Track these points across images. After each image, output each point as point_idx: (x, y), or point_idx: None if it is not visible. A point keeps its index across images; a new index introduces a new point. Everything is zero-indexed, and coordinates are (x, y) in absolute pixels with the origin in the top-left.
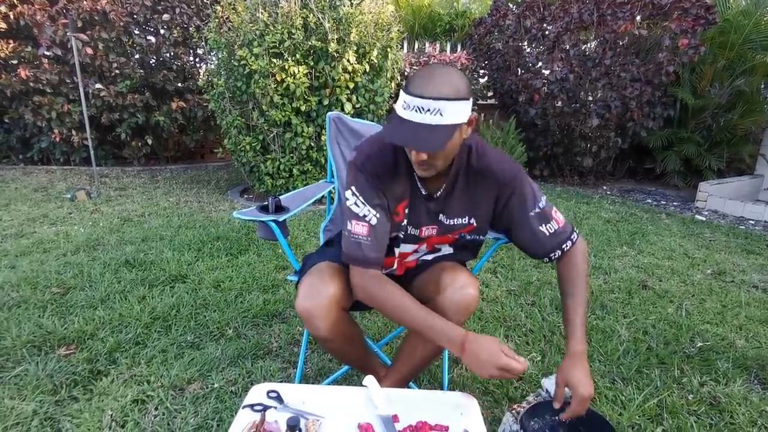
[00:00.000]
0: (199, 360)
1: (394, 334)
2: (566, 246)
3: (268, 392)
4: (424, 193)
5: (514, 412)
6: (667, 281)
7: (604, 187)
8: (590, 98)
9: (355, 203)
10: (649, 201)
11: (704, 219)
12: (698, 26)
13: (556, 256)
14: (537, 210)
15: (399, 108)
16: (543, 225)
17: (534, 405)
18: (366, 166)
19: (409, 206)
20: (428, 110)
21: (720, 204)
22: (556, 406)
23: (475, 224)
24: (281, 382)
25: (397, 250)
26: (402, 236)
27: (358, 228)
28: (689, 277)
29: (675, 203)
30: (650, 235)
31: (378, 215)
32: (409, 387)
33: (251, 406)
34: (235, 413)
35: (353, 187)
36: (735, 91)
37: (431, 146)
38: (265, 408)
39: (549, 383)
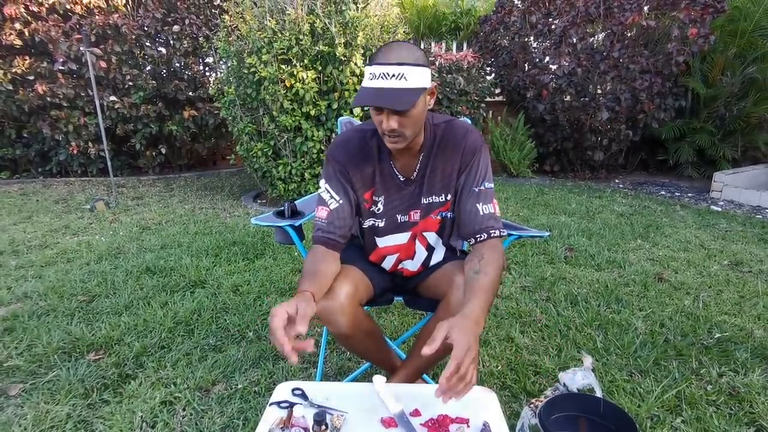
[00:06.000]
0: (222, 362)
1: (409, 333)
2: (494, 233)
3: (293, 390)
4: (402, 178)
5: (532, 406)
6: (683, 273)
7: (617, 181)
8: (599, 91)
9: (324, 190)
10: (663, 193)
11: (720, 209)
12: (707, 15)
13: (482, 239)
14: (482, 188)
15: (365, 80)
16: (481, 203)
17: (552, 399)
18: (334, 154)
19: (385, 195)
20: (393, 75)
21: (736, 194)
22: (426, 351)
23: (450, 200)
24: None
25: (380, 240)
26: (382, 225)
27: (320, 212)
28: (706, 268)
29: (689, 194)
30: (665, 228)
31: (340, 201)
32: (424, 380)
33: (278, 403)
34: (260, 412)
35: (323, 177)
36: (747, 79)
37: (399, 104)
38: (292, 405)
39: (566, 377)
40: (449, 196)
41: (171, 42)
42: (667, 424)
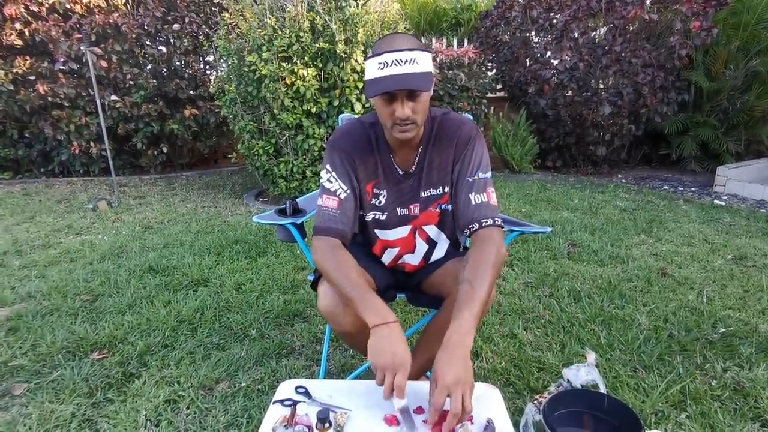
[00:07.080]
0: (226, 360)
1: (412, 330)
2: (486, 222)
3: (296, 388)
4: (401, 172)
5: (536, 402)
6: (686, 268)
7: (619, 176)
8: (601, 86)
9: (328, 180)
10: (666, 188)
11: (723, 203)
12: (710, 8)
13: (474, 229)
14: (476, 177)
15: (374, 71)
16: (474, 193)
17: (555, 395)
18: (339, 143)
19: (387, 188)
20: (406, 61)
21: (739, 188)
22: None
23: (448, 192)
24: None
25: (382, 233)
26: (384, 218)
27: (329, 202)
28: (709, 263)
29: (693, 189)
30: (668, 222)
31: (347, 191)
32: (427, 378)
33: (281, 401)
34: (263, 410)
35: (328, 165)
36: (750, 72)
37: (421, 85)
38: (295, 403)
39: (570, 373)
40: (446, 188)
41: (171, 41)
42: (671, 419)
